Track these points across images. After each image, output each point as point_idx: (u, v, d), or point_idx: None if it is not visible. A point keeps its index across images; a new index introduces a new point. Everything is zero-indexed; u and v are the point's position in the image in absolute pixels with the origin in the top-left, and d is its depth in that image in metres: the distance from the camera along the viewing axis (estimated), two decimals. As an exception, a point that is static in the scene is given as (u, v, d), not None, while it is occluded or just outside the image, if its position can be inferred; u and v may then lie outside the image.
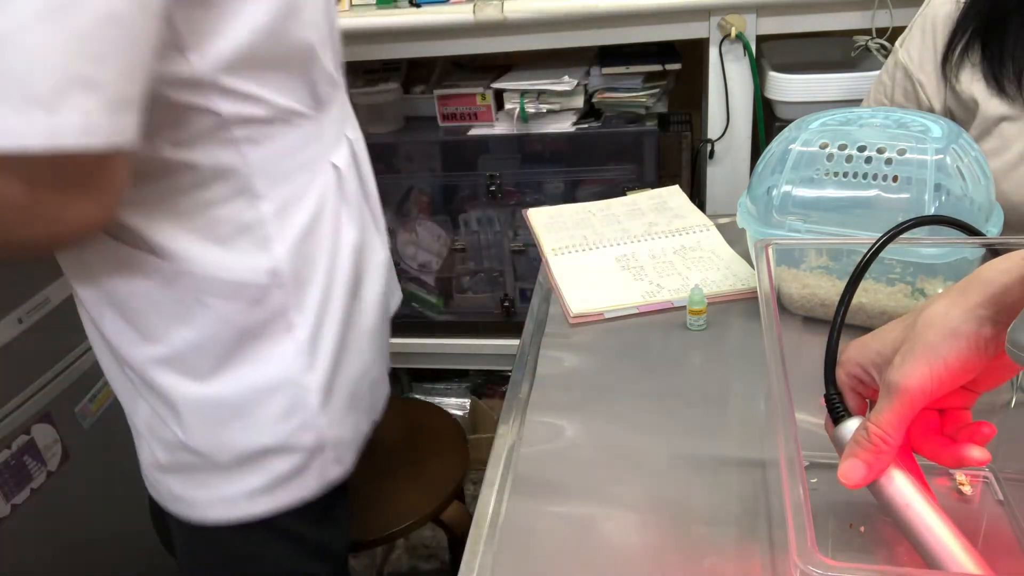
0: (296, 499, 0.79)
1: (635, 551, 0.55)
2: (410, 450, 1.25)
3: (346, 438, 0.82)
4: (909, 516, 0.42)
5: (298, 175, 0.72)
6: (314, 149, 0.74)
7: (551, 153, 1.68)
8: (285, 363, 0.74)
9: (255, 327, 0.72)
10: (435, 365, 2.00)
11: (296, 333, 0.74)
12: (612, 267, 0.91)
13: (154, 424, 0.75)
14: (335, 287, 0.77)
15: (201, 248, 0.67)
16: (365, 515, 1.14)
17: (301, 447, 0.77)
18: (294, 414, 0.75)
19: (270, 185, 0.69)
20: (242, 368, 0.72)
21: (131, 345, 0.71)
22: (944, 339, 0.41)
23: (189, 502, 0.78)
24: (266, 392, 0.74)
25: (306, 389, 0.75)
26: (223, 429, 0.73)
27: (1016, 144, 0.81)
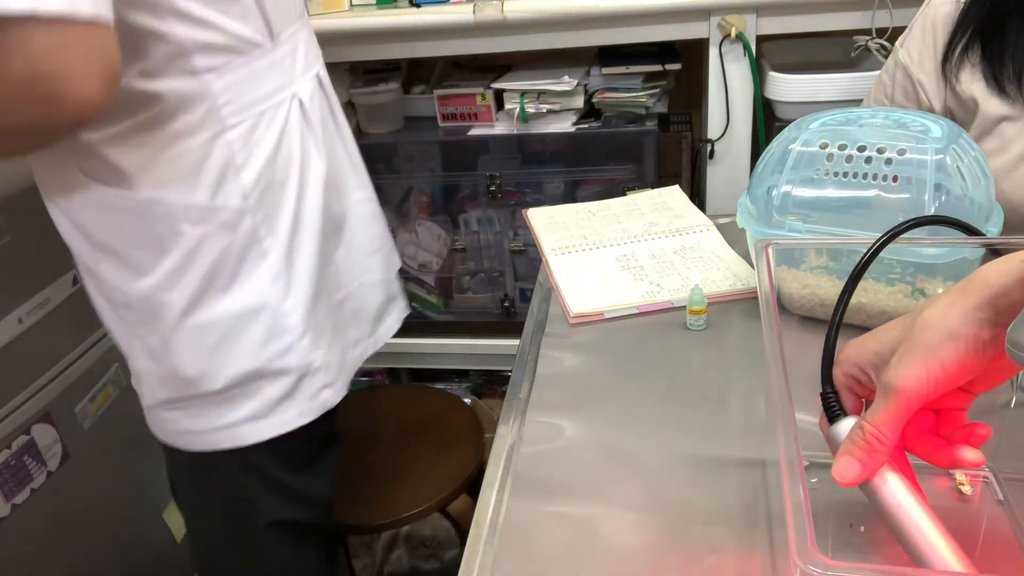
0: (295, 421, 0.84)
1: (635, 551, 0.55)
2: (425, 439, 1.26)
3: (334, 364, 0.87)
4: (900, 517, 0.42)
5: (261, 104, 0.76)
6: (275, 80, 0.78)
7: (551, 153, 1.68)
8: (262, 289, 0.79)
9: (231, 254, 0.76)
10: (435, 365, 2.00)
11: (270, 259, 0.79)
12: (612, 267, 0.91)
13: (150, 361, 0.80)
14: (305, 214, 0.82)
15: (172, 178, 0.72)
16: (373, 500, 1.15)
17: (287, 370, 0.82)
18: (275, 339, 0.80)
19: (234, 114, 0.74)
20: (223, 296, 0.77)
21: (125, 282, 0.76)
22: (942, 341, 0.41)
23: (193, 433, 0.83)
24: (247, 317, 0.79)
25: (285, 315, 0.80)
26: (212, 355, 0.78)
27: (1016, 144, 0.81)
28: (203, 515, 0.92)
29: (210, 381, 0.79)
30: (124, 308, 0.79)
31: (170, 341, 0.78)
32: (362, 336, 0.96)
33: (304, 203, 0.82)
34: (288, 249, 0.80)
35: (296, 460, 0.88)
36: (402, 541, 1.78)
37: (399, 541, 1.78)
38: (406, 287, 1.87)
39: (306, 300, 0.82)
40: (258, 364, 0.80)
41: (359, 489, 1.17)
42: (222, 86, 0.72)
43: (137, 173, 0.71)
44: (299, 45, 0.82)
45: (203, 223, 0.74)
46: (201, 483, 0.89)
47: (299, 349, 0.82)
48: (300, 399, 0.84)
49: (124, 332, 0.82)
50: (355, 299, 0.94)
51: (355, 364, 0.94)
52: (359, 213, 0.93)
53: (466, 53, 1.56)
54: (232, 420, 0.82)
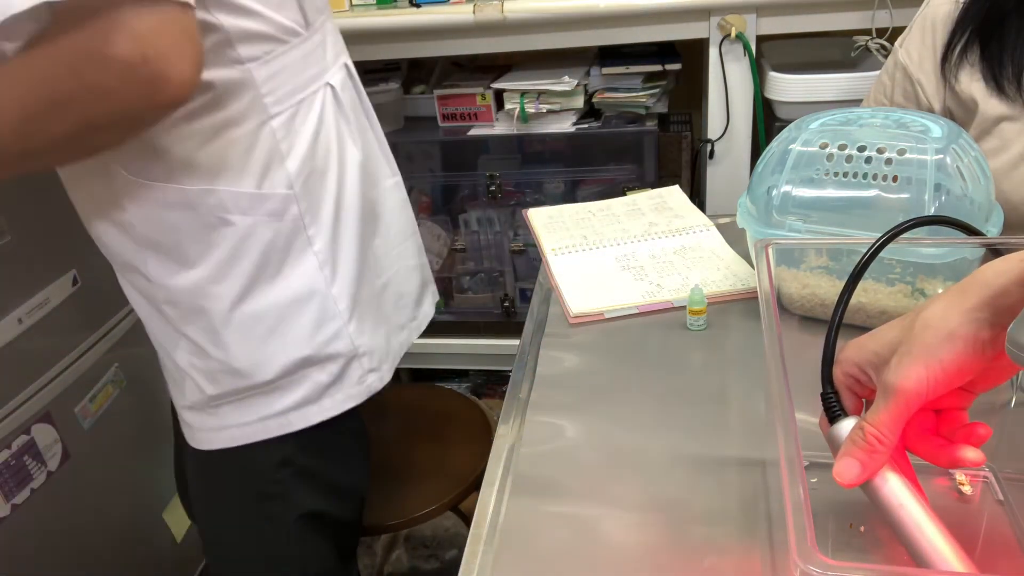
0: (341, 405, 0.84)
1: (635, 551, 0.55)
2: (436, 437, 1.27)
3: (379, 348, 0.88)
4: (901, 517, 0.42)
5: (300, 92, 0.77)
6: (312, 69, 0.79)
7: (551, 153, 1.68)
8: (310, 276, 0.79)
9: (279, 242, 0.77)
10: (435, 365, 2.00)
11: (316, 246, 0.80)
12: (612, 267, 0.91)
13: (197, 358, 0.80)
14: (346, 201, 0.83)
15: (220, 168, 0.73)
16: (386, 499, 1.15)
17: (336, 355, 0.82)
18: (325, 324, 0.81)
19: (276, 102, 0.75)
20: (272, 285, 0.78)
21: (172, 277, 0.76)
22: (941, 341, 0.41)
23: (235, 428, 0.82)
24: (297, 305, 0.79)
25: (333, 300, 0.81)
26: (263, 345, 0.79)
27: (1016, 144, 0.81)
28: (229, 512, 0.90)
29: (262, 371, 0.80)
30: (169, 305, 0.78)
31: (221, 334, 0.78)
32: (406, 320, 0.98)
33: (344, 190, 0.83)
34: (332, 236, 0.81)
35: (332, 451, 0.89)
36: (402, 541, 1.78)
37: (399, 541, 1.79)
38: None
39: (351, 286, 0.83)
40: (309, 351, 0.81)
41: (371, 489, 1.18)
42: (265, 75, 0.73)
43: (185, 165, 0.72)
44: (328, 35, 0.84)
45: (252, 212, 0.75)
46: (233, 480, 0.88)
47: (347, 334, 0.83)
48: (347, 384, 0.85)
49: (167, 332, 0.81)
50: (396, 284, 0.95)
51: (401, 348, 0.95)
52: (392, 199, 0.94)
53: (466, 53, 1.56)
54: (281, 408, 0.82)
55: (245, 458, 0.84)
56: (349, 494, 0.95)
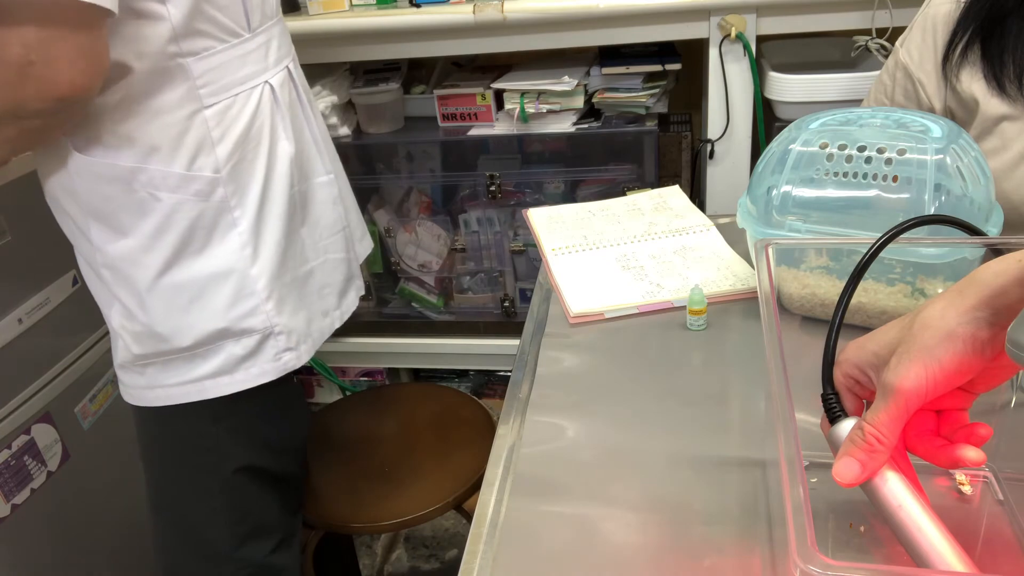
0: (255, 380, 0.92)
1: (635, 551, 0.55)
2: (439, 437, 1.27)
3: (298, 330, 0.95)
4: (901, 517, 0.42)
5: (236, 87, 0.85)
6: (250, 68, 0.87)
7: (551, 153, 1.68)
8: (231, 255, 0.87)
9: (204, 221, 0.84)
10: (435, 365, 2.00)
11: (239, 227, 0.87)
12: (612, 267, 0.91)
13: (126, 319, 0.88)
14: (273, 189, 0.90)
15: (153, 149, 0.80)
16: (387, 498, 1.15)
17: (251, 330, 0.90)
18: (242, 300, 0.88)
19: (212, 94, 0.83)
20: (195, 259, 0.85)
21: (109, 243, 0.84)
22: (940, 341, 0.41)
23: (162, 387, 0.91)
24: (217, 279, 0.87)
25: (252, 279, 0.88)
26: (183, 314, 0.86)
27: (1016, 143, 0.81)
28: (169, 466, 0.97)
29: (181, 338, 0.87)
30: (106, 269, 0.86)
31: (145, 300, 0.85)
32: (330, 308, 1.05)
33: (272, 179, 0.90)
34: (256, 220, 0.88)
35: (261, 412, 0.97)
36: (402, 541, 1.78)
37: (399, 541, 1.79)
38: (406, 287, 1.88)
39: (272, 268, 0.90)
40: (224, 324, 0.88)
41: (372, 488, 1.18)
42: (202, 69, 0.81)
43: (122, 144, 0.80)
44: (273, 40, 0.91)
45: (179, 191, 0.82)
46: (169, 435, 0.95)
47: (263, 312, 0.90)
48: (262, 359, 0.92)
49: (104, 293, 0.89)
50: (321, 273, 1.02)
51: (323, 335, 1.02)
52: (324, 194, 1.01)
53: (466, 53, 1.56)
54: (198, 375, 0.90)
55: (180, 415, 0.92)
56: (285, 450, 1.03)
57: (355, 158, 1.73)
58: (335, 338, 1.92)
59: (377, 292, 1.90)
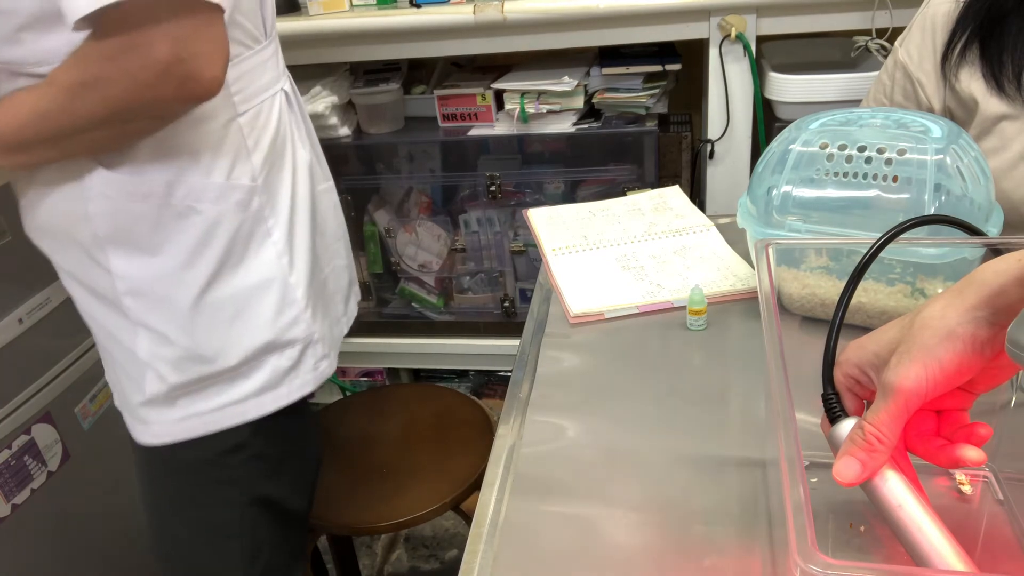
0: (298, 392, 0.88)
1: (635, 551, 0.55)
2: (438, 437, 1.27)
3: (327, 336, 0.93)
4: (901, 517, 0.42)
5: (262, 94, 0.84)
6: (269, 74, 0.85)
7: (551, 153, 1.68)
8: (270, 264, 0.84)
9: (243, 232, 0.81)
10: (435, 365, 2.00)
11: (274, 236, 0.85)
12: (612, 267, 0.91)
13: (161, 347, 0.82)
14: (299, 196, 0.89)
15: (192, 159, 0.77)
16: (386, 498, 1.15)
17: (295, 340, 0.87)
18: (285, 310, 0.86)
19: (244, 101, 0.81)
20: (235, 272, 0.82)
21: (139, 268, 0.79)
22: (940, 341, 0.41)
23: (195, 418, 0.85)
24: (260, 291, 0.84)
25: (292, 288, 0.86)
26: (228, 329, 0.82)
27: (1016, 143, 0.81)
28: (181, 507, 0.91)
29: (227, 356, 0.83)
30: (131, 296, 0.80)
31: (188, 321, 0.81)
32: (340, 314, 1.03)
33: (297, 186, 0.88)
34: (289, 228, 0.86)
35: (286, 436, 0.93)
36: (402, 541, 1.78)
37: (399, 541, 1.79)
38: (406, 287, 1.88)
39: (307, 275, 0.89)
40: (271, 336, 0.85)
41: (371, 488, 1.18)
42: (235, 75, 0.79)
43: (160, 155, 0.76)
44: (278, 47, 0.91)
45: (220, 202, 0.79)
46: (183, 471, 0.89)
47: (304, 320, 0.88)
48: (304, 370, 0.89)
49: (123, 326, 0.82)
50: (333, 279, 1.01)
51: (339, 339, 1.01)
52: (327, 201, 1.00)
53: (466, 53, 1.56)
54: (240, 395, 0.85)
55: (199, 446, 0.86)
56: (300, 481, 0.99)
57: (355, 158, 1.73)
58: (335, 338, 1.92)
59: (377, 292, 1.90)
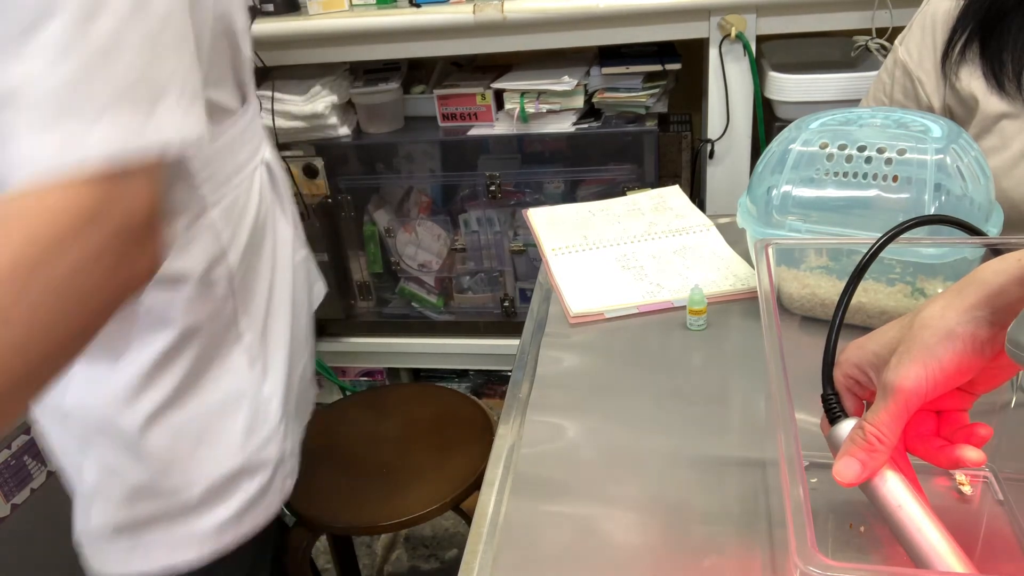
0: (261, 522, 0.75)
1: (635, 551, 0.55)
2: (437, 437, 1.27)
3: (296, 448, 0.80)
4: (900, 517, 0.42)
5: (237, 175, 0.69)
6: (248, 147, 0.71)
7: (551, 153, 1.68)
8: (240, 375, 0.71)
9: (214, 340, 0.69)
10: (435, 365, 2.00)
11: (245, 341, 0.71)
12: (612, 267, 0.91)
13: (108, 478, 0.69)
14: (277, 285, 0.76)
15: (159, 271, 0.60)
16: (386, 498, 1.15)
17: (267, 462, 0.74)
18: (257, 428, 0.73)
19: (214, 190, 0.66)
20: (201, 388, 0.69)
21: (91, 383, 0.66)
22: (940, 340, 0.41)
23: (148, 553, 0.71)
24: (227, 408, 0.71)
25: (265, 401, 0.73)
26: (191, 458, 0.69)
27: (1016, 142, 0.81)
28: None
29: (188, 488, 0.70)
30: (79, 416, 0.68)
31: (142, 446, 0.67)
32: (308, 408, 0.88)
33: (276, 273, 0.75)
34: (263, 327, 0.73)
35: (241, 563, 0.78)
36: (402, 541, 1.78)
37: (399, 541, 1.79)
38: (406, 287, 1.88)
39: (283, 382, 0.76)
40: (241, 460, 0.72)
41: (371, 488, 1.18)
42: (199, 163, 0.64)
43: None
44: (257, 110, 0.76)
45: (192, 313, 0.66)
46: None
47: (277, 438, 0.75)
48: (272, 494, 0.76)
49: (71, 445, 0.71)
50: (308, 368, 0.86)
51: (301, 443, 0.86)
52: (303, 272, 0.85)
53: (466, 53, 1.56)
54: (203, 530, 0.71)
55: None
56: None
57: (355, 158, 1.73)
58: (335, 338, 1.93)
59: (377, 292, 1.90)
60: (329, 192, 1.72)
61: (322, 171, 1.69)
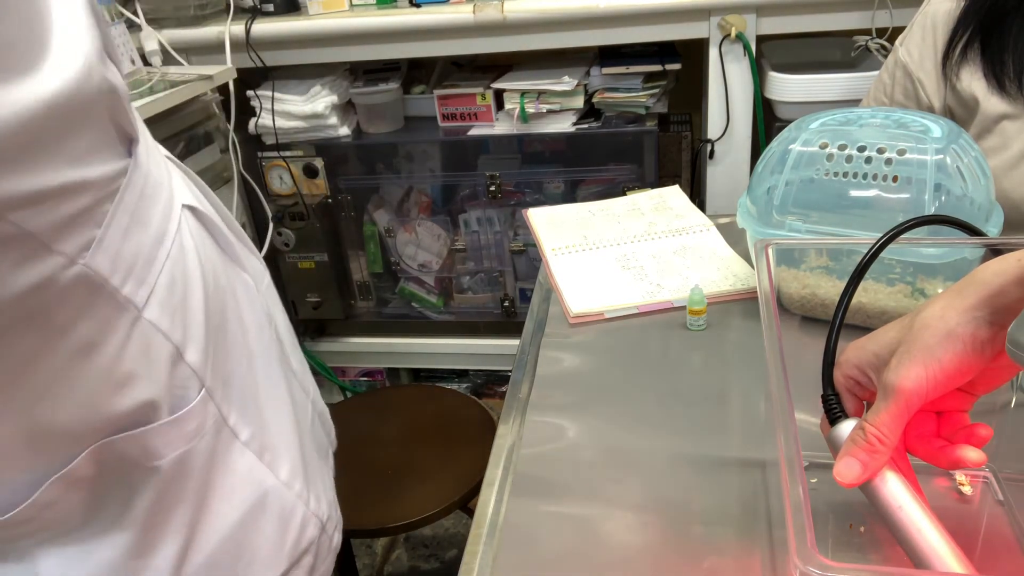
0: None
1: (635, 551, 0.55)
2: (441, 438, 1.27)
3: (334, 496, 0.72)
4: (900, 518, 0.42)
5: (160, 245, 0.52)
6: (159, 200, 0.53)
7: (551, 153, 1.68)
8: (253, 476, 0.60)
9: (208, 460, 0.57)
10: (435, 365, 2.00)
11: (244, 435, 0.59)
12: (612, 267, 0.91)
13: None
14: (252, 349, 0.63)
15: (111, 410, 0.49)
16: (394, 500, 1.15)
17: (311, 541, 0.66)
18: (291, 521, 0.63)
19: (139, 283, 0.50)
20: (216, 510, 0.58)
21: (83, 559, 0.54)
22: (940, 341, 0.41)
23: None
24: (253, 518, 0.60)
25: (286, 487, 0.63)
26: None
27: (1016, 142, 0.81)
28: None
29: None
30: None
31: None
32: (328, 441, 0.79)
33: (247, 335, 0.62)
34: (256, 409, 0.61)
35: None
36: (402, 541, 1.78)
37: (399, 541, 1.78)
38: (406, 287, 1.88)
39: (296, 454, 0.64)
40: (286, 563, 0.63)
41: (376, 490, 1.18)
42: (106, 257, 0.47)
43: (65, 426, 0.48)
44: (152, 149, 0.55)
45: (171, 445, 0.53)
46: None
47: (312, 518, 0.66)
48: (322, 556, 0.68)
49: None
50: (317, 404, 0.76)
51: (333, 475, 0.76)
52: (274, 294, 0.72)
53: (466, 53, 1.56)
54: None
55: None
56: None
57: (355, 158, 1.73)
58: (335, 338, 1.93)
59: (377, 292, 1.90)
60: (329, 192, 1.72)
61: (322, 171, 1.69)
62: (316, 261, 1.79)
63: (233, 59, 1.51)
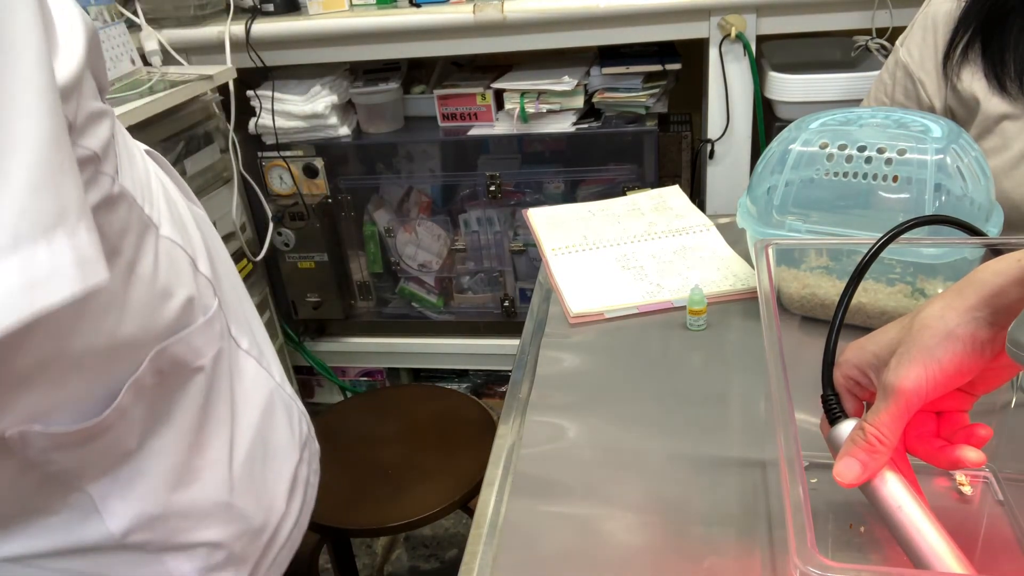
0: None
1: (635, 551, 0.55)
2: (441, 438, 1.27)
3: None
4: (900, 518, 0.42)
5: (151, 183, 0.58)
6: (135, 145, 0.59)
7: (551, 153, 1.68)
8: (259, 378, 0.67)
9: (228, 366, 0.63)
10: (435, 365, 2.00)
11: (243, 343, 0.67)
12: (612, 267, 0.91)
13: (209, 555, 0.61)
14: (234, 271, 0.71)
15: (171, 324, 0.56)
16: (394, 499, 1.15)
17: (307, 439, 0.74)
18: (291, 415, 0.71)
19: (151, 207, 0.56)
20: (241, 411, 0.64)
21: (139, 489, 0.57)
22: (940, 341, 0.41)
23: None
24: (268, 415, 0.67)
25: (281, 386, 0.70)
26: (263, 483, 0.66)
27: (1017, 142, 0.81)
28: None
29: (275, 510, 0.67)
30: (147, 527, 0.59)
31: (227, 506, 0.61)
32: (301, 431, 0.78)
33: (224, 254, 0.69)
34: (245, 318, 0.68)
35: None
36: (402, 541, 1.78)
37: (399, 541, 1.78)
38: (406, 287, 1.88)
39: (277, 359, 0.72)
40: (297, 455, 0.70)
41: (377, 490, 1.18)
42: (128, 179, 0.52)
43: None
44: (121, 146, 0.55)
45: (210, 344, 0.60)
46: None
47: (303, 413, 0.74)
48: (314, 451, 0.75)
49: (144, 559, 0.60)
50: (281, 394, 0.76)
51: None
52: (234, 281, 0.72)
53: (466, 53, 1.57)
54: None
55: None
56: None
57: (355, 158, 1.73)
58: (335, 338, 1.93)
59: (377, 292, 1.90)
60: (329, 192, 1.72)
61: (322, 171, 1.69)
62: (316, 261, 1.79)
63: (233, 59, 1.51)
